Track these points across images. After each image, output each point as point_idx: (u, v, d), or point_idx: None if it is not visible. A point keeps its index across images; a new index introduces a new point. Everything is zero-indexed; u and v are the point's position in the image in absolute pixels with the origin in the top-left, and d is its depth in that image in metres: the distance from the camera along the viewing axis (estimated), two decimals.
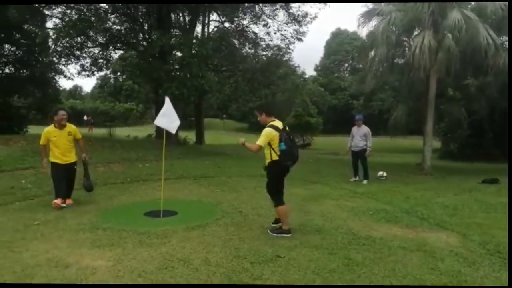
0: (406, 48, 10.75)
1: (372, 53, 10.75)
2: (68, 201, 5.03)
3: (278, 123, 4.12)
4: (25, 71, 12.48)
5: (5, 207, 5.09)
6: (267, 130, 4.10)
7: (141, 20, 11.91)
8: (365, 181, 7.92)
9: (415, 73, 9.47)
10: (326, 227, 4.54)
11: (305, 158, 9.04)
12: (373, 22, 10.77)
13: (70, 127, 5.03)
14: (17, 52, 12.48)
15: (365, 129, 8.06)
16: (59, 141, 4.92)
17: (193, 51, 9.72)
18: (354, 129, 8.13)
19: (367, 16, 10.83)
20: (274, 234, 4.11)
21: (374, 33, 10.53)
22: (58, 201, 4.78)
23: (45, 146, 4.96)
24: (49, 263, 3.31)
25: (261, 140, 4.05)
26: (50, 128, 4.94)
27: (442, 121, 12.29)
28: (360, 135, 8.03)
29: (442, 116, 11.81)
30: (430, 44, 9.17)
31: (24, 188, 6.16)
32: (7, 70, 12.62)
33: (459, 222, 5.03)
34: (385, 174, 8.57)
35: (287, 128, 4.18)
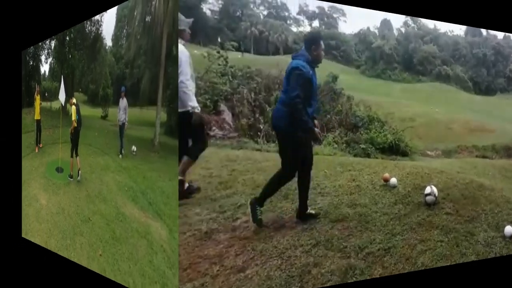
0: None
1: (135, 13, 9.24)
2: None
3: (74, 99, 6.66)
4: None
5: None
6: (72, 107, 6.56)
7: None
8: (120, 156, 7.74)
9: (155, 32, 8.10)
10: (108, 199, 5.43)
11: (103, 128, 8.87)
12: None
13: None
14: None
15: (124, 101, 7.53)
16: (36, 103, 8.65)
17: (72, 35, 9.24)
18: (120, 101, 7.60)
19: None
20: (71, 179, 6.63)
21: None
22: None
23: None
24: (34, 197, 6.30)
25: (73, 114, 6.76)
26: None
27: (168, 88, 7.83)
28: (122, 108, 7.57)
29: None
30: None
31: None
32: None
33: (172, 213, 4.62)
34: (135, 149, 7.84)
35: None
